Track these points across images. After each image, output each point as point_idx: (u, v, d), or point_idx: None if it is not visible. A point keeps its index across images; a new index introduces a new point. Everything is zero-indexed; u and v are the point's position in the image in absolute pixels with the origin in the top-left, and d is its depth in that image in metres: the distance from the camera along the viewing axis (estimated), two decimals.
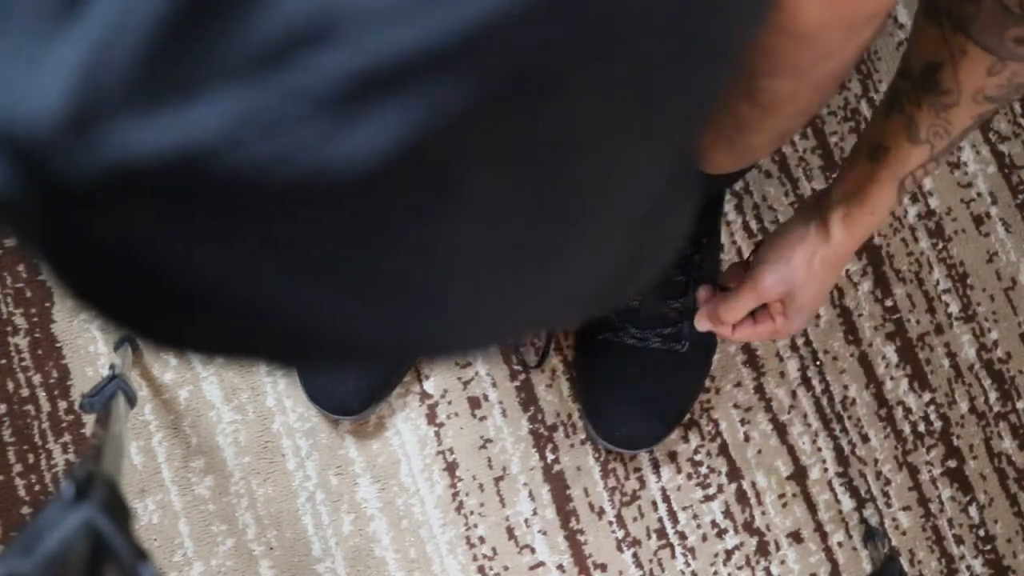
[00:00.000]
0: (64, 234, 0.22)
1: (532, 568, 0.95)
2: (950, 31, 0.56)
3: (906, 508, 0.98)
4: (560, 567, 0.95)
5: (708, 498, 0.97)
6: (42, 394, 0.95)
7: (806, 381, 0.99)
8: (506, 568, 0.95)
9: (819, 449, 0.98)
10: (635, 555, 0.95)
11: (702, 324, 0.76)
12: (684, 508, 0.96)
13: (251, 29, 0.19)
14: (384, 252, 0.23)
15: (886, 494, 0.98)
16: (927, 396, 0.99)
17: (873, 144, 0.64)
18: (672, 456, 0.97)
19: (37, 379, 0.95)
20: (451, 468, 0.96)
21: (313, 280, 0.23)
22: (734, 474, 0.97)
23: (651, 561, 0.95)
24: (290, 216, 0.21)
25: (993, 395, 1.00)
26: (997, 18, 0.53)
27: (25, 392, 0.95)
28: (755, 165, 1.00)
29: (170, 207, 0.21)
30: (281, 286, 0.23)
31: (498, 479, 0.96)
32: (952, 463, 0.99)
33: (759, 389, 0.98)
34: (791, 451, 0.98)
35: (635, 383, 0.92)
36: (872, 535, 0.95)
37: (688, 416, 0.96)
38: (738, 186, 1.00)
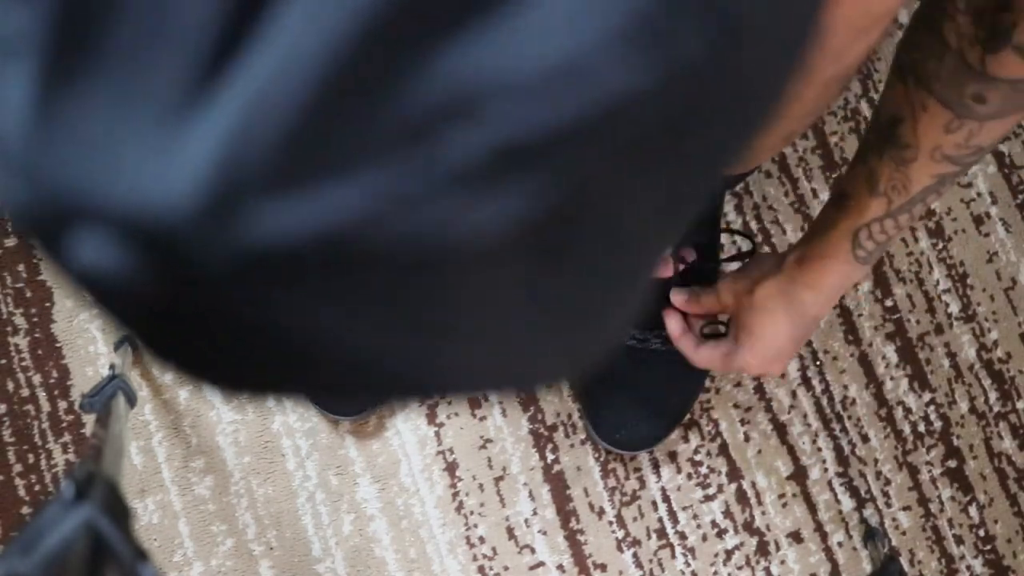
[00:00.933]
0: (186, 315, 0.22)
1: (532, 568, 0.95)
2: (913, 86, 0.57)
3: (906, 508, 0.98)
4: (560, 567, 0.95)
5: (708, 498, 0.97)
6: (42, 394, 0.95)
7: (806, 381, 0.99)
8: (506, 568, 0.95)
9: (819, 449, 0.98)
10: (635, 555, 0.95)
11: (671, 321, 0.81)
12: (684, 508, 0.96)
13: (395, 107, 0.19)
14: (498, 311, 0.23)
15: (886, 494, 0.98)
16: (927, 396, 0.99)
17: (838, 191, 0.65)
18: (672, 456, 0.97)
19: (37, 379, 0.95)
20: (451, 468, 0.96)
21: (426, 339, 0.23)
22: (734, 474, 0.97)
23: (651, 561, 0.95)
24: (414, 286, 0.21)
25: (993, 395, 1.00)
26: (958, 74, 0.54)
27: (25, 392, 0.95)
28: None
29: (305, 286, 0.20)
30: (397, 344, 0.23)
31: (498, 479, 0.96)
32: (952, 463, 0.99)
33: (759, 389, 0.98)
34: (791, 451, 0.98)
35: (635, 384, 0.92)
36: (872, 535, 0.95)
37: (688, 416, 0.96)
38: (738, 186, 1.00)
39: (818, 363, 0.99)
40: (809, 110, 0.62)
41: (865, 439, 0.98)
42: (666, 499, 0.96)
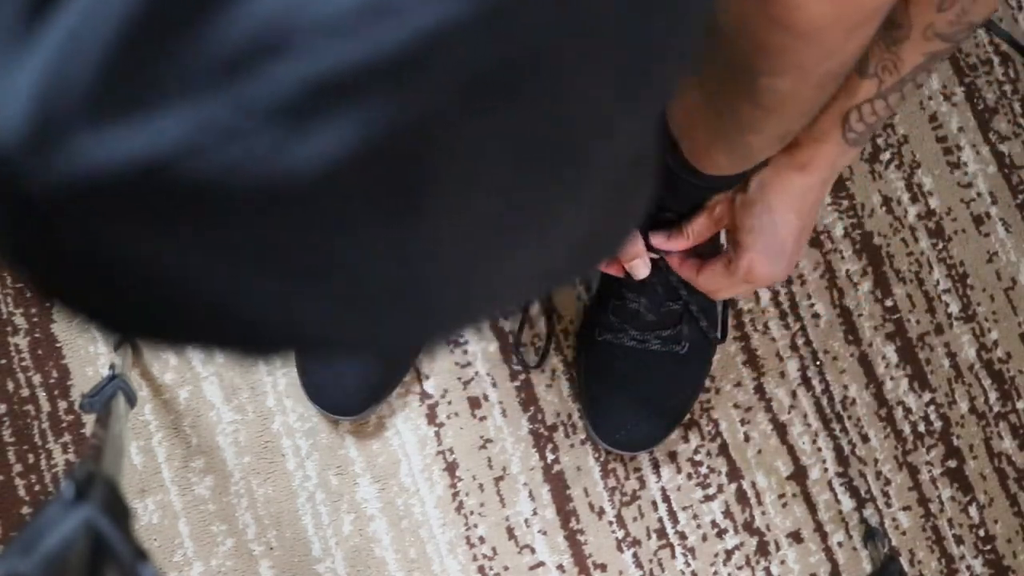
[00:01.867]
0: (33, 241, 0.23)
1: (532, 568, 0.95)
2: None
3: (906, 508, 0.98)
4: (560, 567, 0.95)
5: (708, 498, 0.97)
6: (42, 394, 0.95)
7: (806, 381, 0.99)
8: (506, 568, 0.95)
9: (819, 449, 0.98)
10: (635, 555, 0.95)
11: (671, 257, 0.80)
12: (684, 508, 0.96)
13: (208, 42, 0.20)
14: (353, 252, 0.24)
15: (886, 494, 0.98)
16: (927, 396, 0.99)
17: None
18: (672, 456, 0.97)
19: (37, 379, 0.95)
20: (451, 468, 0.96)
21: (281, 279, 0.24)
22: (734, 474, 0.97)
23: (651, 561, 0.95)
24: (249, 220, 0.22)
25: (993, 395, 1.00)
26: None
27: (25, 392, 0.95)
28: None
29: (133, 214, 0.21)
30: (249, 285, 0.24)
31: (498, 479, 0.96)
32: (952, 463, 0.99)
33: (759, 389, 0.98)
34: (791, 451, 0.98)
35: (635, 385, 0.92)
36: (872, 535, 0.95)
37: (688, 416, 0.96)
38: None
39: (818, 363, 0.99)
40: (804, 109, 0.62)
41: (865, 439, 0.98)
42: (666, 499, 0.96)
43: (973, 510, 0.98)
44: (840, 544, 0.97)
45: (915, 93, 0.64)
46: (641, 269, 0.79)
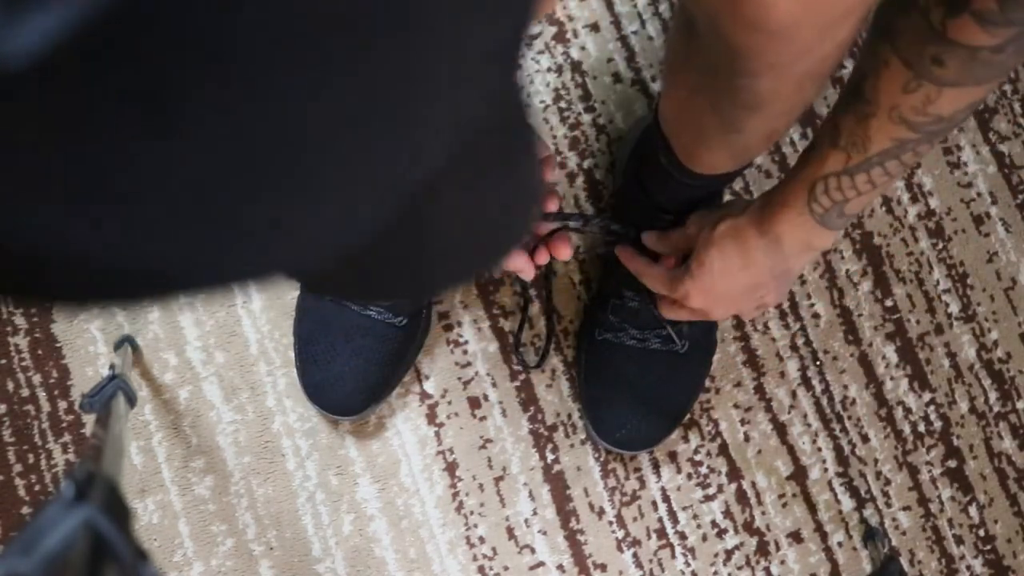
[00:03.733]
0: None
1: (532, 568, 0.95)
2: (878, 41, 0.57)
3: (906, 508, 0.98)
4: (560, 567, 0.95)
5: (708, 498, 0.97)
6: (42, 394, 0.95)
7: (806, 381, 0.99)
8: (506, 568, 0.95)
9: (819, 449, 0.98)
10: (635, 555, 0.95)
11: (623, 251, 0.81)
12: (684, 508, 0.96)
13: None
14: (114, 163, 0.22)
15: (886, 494, 0.98)
16: (927, 396, 0.99)
17: (810, 143, 0.65)
18: (672, 456, 0.97)
19: (37, 379, 0.95)
20: (451, 468, 0.96)
21: (50, 201, 0.23)
22: (734, 474, 0.97)
23: (651, 561, 0.95)
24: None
25: (993, 395, 1.00)
26: (920, 33, 0.54)
27: (25, 392, 0.95)
28: (752, 164, 1.00)
29: None
30: (23, 214, 0.23)
31: (498, 479, 0.96)
32: (952, 463, 0.99)
33: (759, 389, 0.98)
34: (791, 451, 0.98)
35: (635, 384, 0.92)
36: (872, 535, 0.95)
37: (688, 416, 0.96)
38: (737, 185, 1.00)
39: (818, 363, 0.99)
40: (786, 109, 0.62)
41: (865, 439, 0.98)
42: (666, 499, 0.96)
43: (973, 510, 0.98)
44: (840, 544, 0.97)
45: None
46: (525, 271, 0.72)
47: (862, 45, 0.59)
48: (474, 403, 0.96)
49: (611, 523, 0.96)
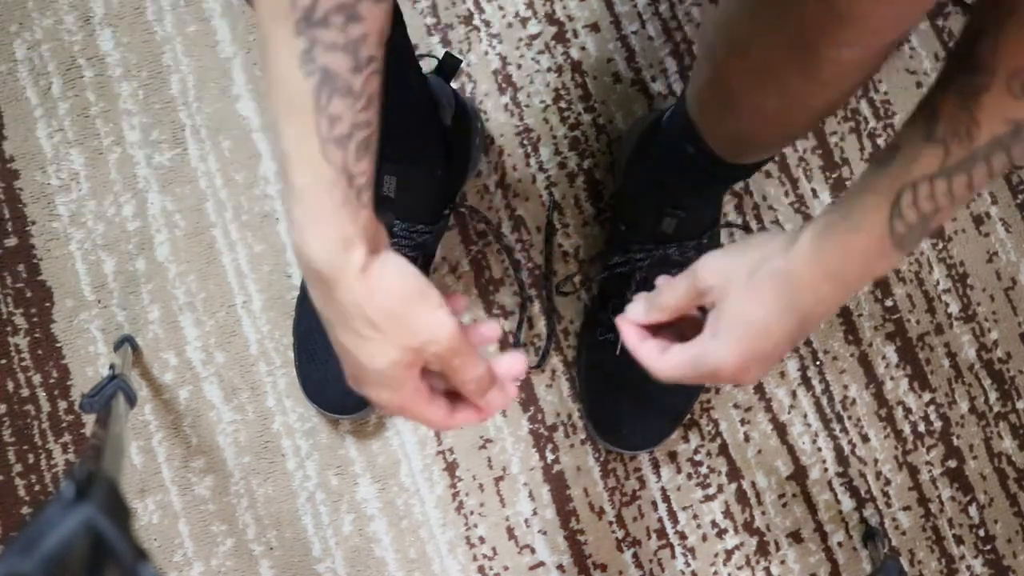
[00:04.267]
0: None
1: (532, 568, 0.95)
2: None
3: (906, 508, 0.98)
4: (560, 567, 0.95)
5: (708, 498, 0.97)
6: (42, 394, 0.95)
7: (806, 381, 0.99)
8: (506, 568, 0.95)
9: (819, 449, 0.98)
10: (635, 555, 0.95)
11: (624, 329, 0.63)
12: (684, 508, 0.96)
13: None
14: None
15: (886, 494, 0.98)
16: (927, 396, 0.99)
17: (886, 146, 0.52)
18: (672, 456, 0.97)
19: (37, 379, 0.95)
20: (451, 468, 0.96)
21: None
22: (734, 474, 0.97)
23: (651, 561, 0.95)
24: None
25: (993, 395, 1.00)
26: None
27: (25, 392, 0.95)
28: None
29: None
30: None
31: (498, 479, 0.96)
32: (952, 463, 0.99)
33: (759, 389, 0.98)
34: (791, 451, 0.98)
35: (637, 384, 0.92)
36: (872, 535, 0.95)
37: (688, 416, 0.96)
38: (738, 186, 1.00)
39: (818, 363, 0.99)
40: (858, 81, 0.56)
41: (865, 439, 0.98)
42: (666, 499, 0.96)
43: (973, 510, 0.98)
44: (840, 544, 0.97)
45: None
46: (498, 401, 0.55)
47: (973, 6, 0.48)
48: None
49: (611, 523, 0.96)
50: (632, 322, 0.62)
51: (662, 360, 0.60)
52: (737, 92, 0.64)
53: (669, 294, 0.60)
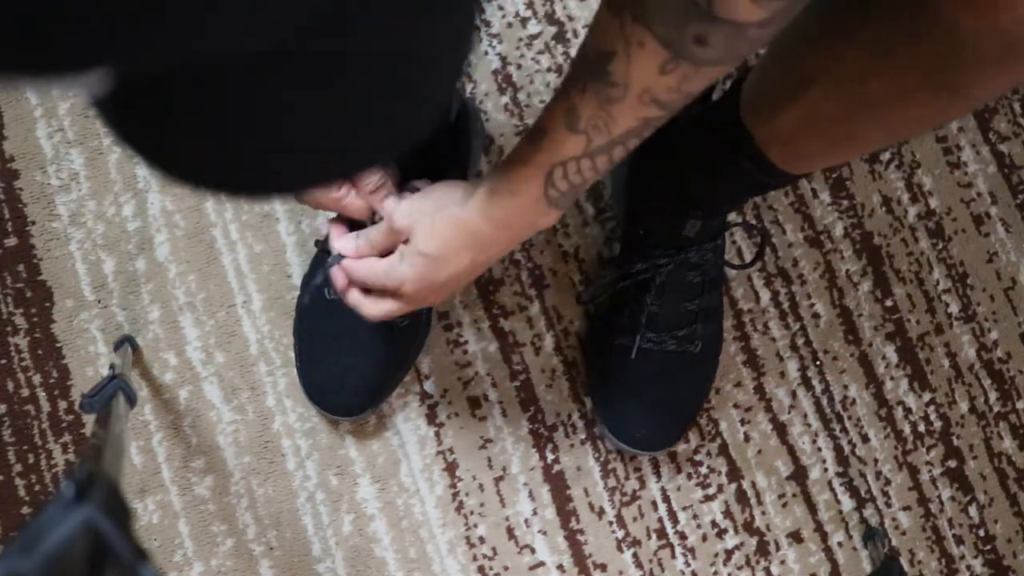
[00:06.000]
0: None
1: (532, 568, 0.95)
2: (630, 20, 0.53)
3: (906, 508, 0.98)
4: (560, 567, 0.95)
5: (708, 498, 0.97)
6: (42, 394, 0.95)
7: (806, 381, 0.99)
8: (506, 568, 0.95)
9: (819, 449, 0.98)
10: (635, 555, 0.95)
11: (335, 276, 0.73)
12: (684, 508, 0.96)
13: None
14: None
15: (886, 494, 0.98)
16: (927, 396, 0.99)
17: (533, 128, 0.61)
18: (672, 456, 0.97)
19: (37, 379, 0.95)
20: (451, 468, 0.96)
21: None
22: (734, 474, 0.97)
23: (651, 561, 0.95)
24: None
25: (993, 395, 1.00)
26: (680, 12, 0.50)
27: (25, 392, 0.95)
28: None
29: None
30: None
31: (498, 479, 0.96)
32: (952, 463, 0.99)
33: (759, 389, 0.98)
34: (791, 451, 0.98)
35: (653, 385, 0.91)
36: (872, 535, 0.95)
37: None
38: None
39: (818, 363, 0.99)
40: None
41: (865, 439, 0.98)
42: (666, 499, 0.96)
43: (973, 510, 0.98)
44: (840, 544, 0.97)
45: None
46: (355, 206, 0.71)
47: (598, 24, 0.55)
48: (474, 403, 0.96)
49: (611, 523, 0.96)
50: (344, 268, 0.73)
51: (364, 260, 0.72)
52: (838, 120, 0.64)
53: (375, 233, 0.71)
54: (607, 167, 0.60)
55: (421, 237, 0.67)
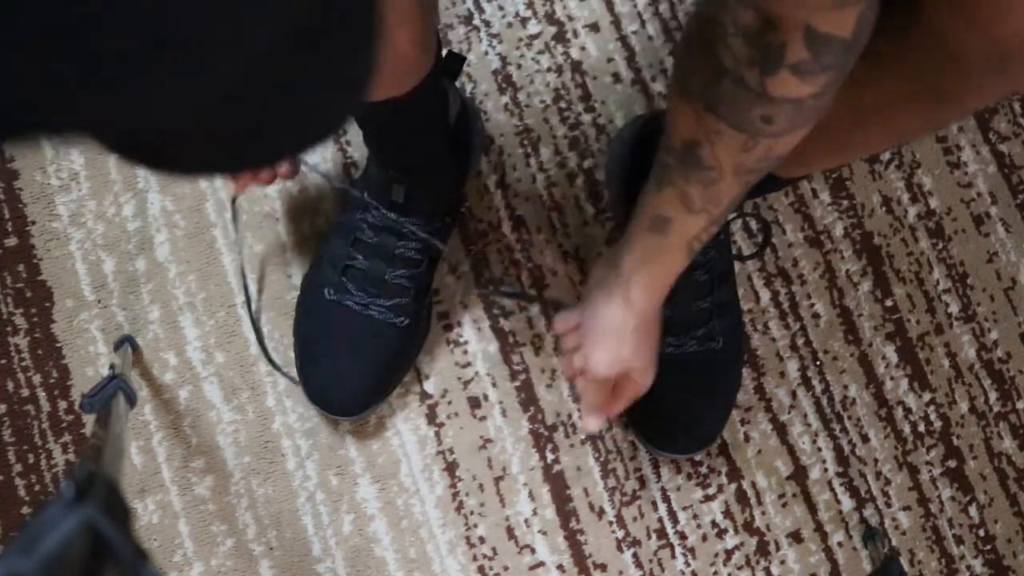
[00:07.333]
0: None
1: (532, 568, 0.95)
2: (702, 111, 0.57)
3: (906, 508, 0.98)
4: (560, 567, 0.95)
5: (708, 498, 0.97)
6: (42, 394, 0.95)
7: (806, 381, 0.99)
8: (506, 568, 0.95)
9: (819, 449, 0.98)
10: (635, 555, 0.95)
11: (567, 362, 0.78)
12: (684, 508, 0.96)
13: None
14: None
15: (886, 494, 0.98)
16: (927, 396, 0.99)
17: (653, 216, 0.66)
18: None
19: (37, 379, 0.95)
20: (451, 468, 0.96)
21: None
22: (734, 474, 0.97)
23: (651, 561, 0.95)
24: None
25: (993, 395, 1.00)
26: (741, 99, 0.54)
27: (25, 392, 0.95)
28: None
29: None
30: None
31: (498, 479, 0.96)
32: (952, 463, 0.99)
33: (759, 389, 0.98)
34: (791, 451, 0.98)
35: (683, 389, 0.91)
36: (872, 535, 0.95)
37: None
38: None
39: (818, 363, 0.99)
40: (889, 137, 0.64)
41: (865, 439, 0.98)
42: (666, 499, 0.96)
43: (973, 510, 0.98)
44: (840, 544, 0.97)
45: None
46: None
47: (677, 115, 0.60)
48: (474, 403, 0.96)
49: (611, 523, 0.96)
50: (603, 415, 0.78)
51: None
52: (835, 128, 0.66)
53: (592, 395, 0.77)
54: (726, 216, 0.66)
55: (640, 357, 0.73)
